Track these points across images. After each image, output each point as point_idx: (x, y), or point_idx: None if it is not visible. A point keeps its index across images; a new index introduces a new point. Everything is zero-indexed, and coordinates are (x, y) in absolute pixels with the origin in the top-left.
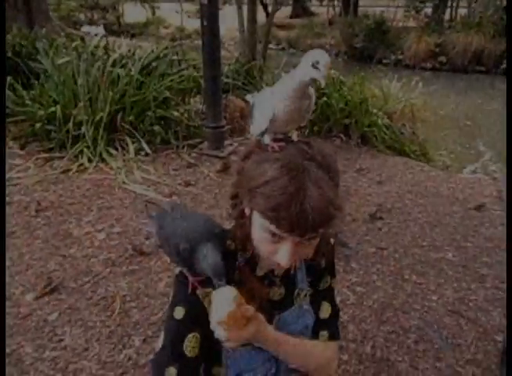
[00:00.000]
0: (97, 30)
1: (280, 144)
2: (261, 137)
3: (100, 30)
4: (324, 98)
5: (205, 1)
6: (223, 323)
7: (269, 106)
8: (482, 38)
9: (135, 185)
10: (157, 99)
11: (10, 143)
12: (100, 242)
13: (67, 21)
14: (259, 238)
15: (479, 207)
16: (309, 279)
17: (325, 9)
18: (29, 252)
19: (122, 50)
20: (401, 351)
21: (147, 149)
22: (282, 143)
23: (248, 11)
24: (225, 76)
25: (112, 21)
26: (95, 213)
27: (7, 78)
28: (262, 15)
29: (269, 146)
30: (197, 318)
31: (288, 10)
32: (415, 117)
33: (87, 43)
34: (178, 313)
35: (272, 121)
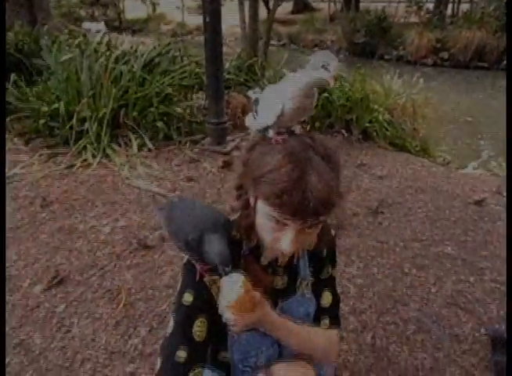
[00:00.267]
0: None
1: (284, 137)
2: (263, 132)
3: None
4: (325, 94)
5: None
6: (232, 307)
7: (277, 102)
8: (484, 34)
9: (139, 180)
10: (160, 96)
11: (15, 140)
12: (105, 236)
13: (69, 17)
14: (263, 226)
15: (479, 202)
16: (311, 268)
17: (326, 5)
18: (35, 246)
19: (124, 47)
20: (400, 341)
21: (150, 145)
22: (285, 136)
23: (250, 7)
24: (227, 72)
25: (113, 17)
26: (99, 208)
27: (11, 75)
28: (263, 11)
29: (273, 139)
30: (205, 304)
31: (289, 6)
32: (416, 113)
33: (89, 40)
34: (187, 299)
35: (279, 117)
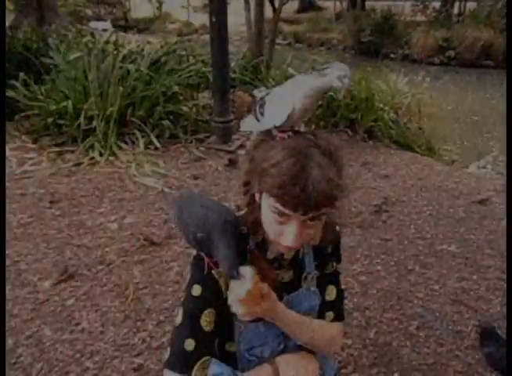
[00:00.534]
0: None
1: (288, 134)
2: (266, 131)
3: (107, 25)
4: (330, 93)
5: None
6: (241, 299)
7: (288, 103)
8: (491, 33)
9: (145, 178)
10: (166, 94)
11: (23, 137)
12: (113, 232)
13: (75, 16)
14: (267, 220)
15: (483, 201)
16: (316, 263)
17: (332, 4)
18: (44, 242)
19: (131, 46)
20: (403, 337)
21: (156, 143)
22: (289, 133)
23: (255, 6)
24: (233, 71)
25: (119, 16)
26: (107, 205)
27: (19, 74)
28: (269, 10)
29: (278, 136)
30: (213, 296)
31: (295, 4)
32: (421, 112)
33: (97, 39)
34: (196, 291)
35: (289, 116)
